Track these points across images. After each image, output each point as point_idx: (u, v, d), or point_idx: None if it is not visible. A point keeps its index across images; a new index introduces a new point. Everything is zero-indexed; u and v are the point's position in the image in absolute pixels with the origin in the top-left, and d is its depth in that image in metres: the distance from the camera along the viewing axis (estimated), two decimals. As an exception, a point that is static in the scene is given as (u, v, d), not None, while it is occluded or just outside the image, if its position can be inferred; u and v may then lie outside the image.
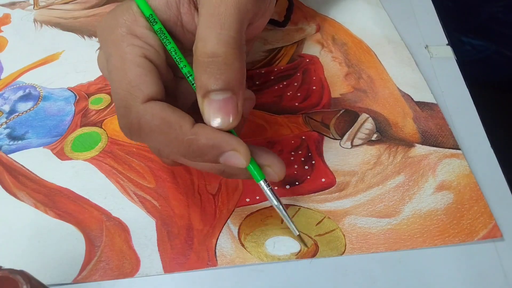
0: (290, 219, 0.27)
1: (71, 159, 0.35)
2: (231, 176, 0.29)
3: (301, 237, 0.28)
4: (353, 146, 0.34)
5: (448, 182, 0.31)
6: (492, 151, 0.33)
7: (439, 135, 0.34)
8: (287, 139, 0.35)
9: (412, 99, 0.36)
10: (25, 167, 0.35)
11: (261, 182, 0.27)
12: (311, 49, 0.41)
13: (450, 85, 0.37)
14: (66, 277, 0.29)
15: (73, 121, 0.37)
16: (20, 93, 0.40)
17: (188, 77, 0.27)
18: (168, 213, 0.31)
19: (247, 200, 0.31)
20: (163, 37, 0.27)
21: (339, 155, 0.34)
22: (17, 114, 0.38)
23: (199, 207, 0.31)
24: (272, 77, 0.39)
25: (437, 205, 0.30)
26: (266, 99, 0.38)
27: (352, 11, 0.44)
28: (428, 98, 0.36)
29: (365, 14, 0.43)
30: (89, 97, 0.39)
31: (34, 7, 0.48)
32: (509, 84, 0.76)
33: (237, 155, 0.25)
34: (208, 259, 0.29)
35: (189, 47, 0.26)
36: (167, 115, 0.25)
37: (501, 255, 0.28)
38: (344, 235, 0.29)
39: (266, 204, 0.31)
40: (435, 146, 0.33)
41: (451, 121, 0.35)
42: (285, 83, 0.39)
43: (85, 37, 0.45)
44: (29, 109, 0.39)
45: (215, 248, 0.29)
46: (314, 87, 0.38)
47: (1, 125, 0.38)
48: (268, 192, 0.27)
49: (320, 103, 0.37)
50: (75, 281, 0.28)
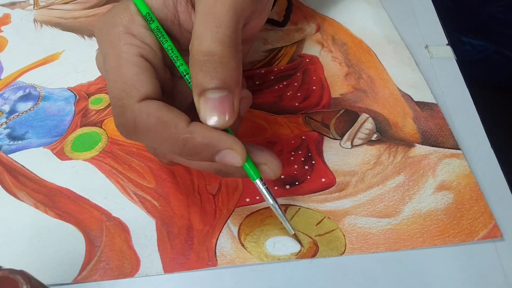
0: (285, 217, 0.27)
1: (71, 159, 0.35)
2: (227, 175, 0.29)
3: (296, 236, 0.28)
4: (353, 146, 0.34)
5: (448, 182, 0.31)
6: (492, 151, 0.33)
7: (439, 135, 0.34)
8: (287, 139, 0.35)
9: (412, 99, 0.36)
10: (25, 167, 0.35)
11: (256, 181, 0.27)
12: (311, 49, 0.41)
13: (450, 85, 0.37)
14: (66, 277, 0.29)
15: (73, 121, 0.37)
16: (20, 93, 0.40)
17: (184, 75, 0.27)
18: (168, 213, 0.31)
19: (247, 200, 0.31)
20: (160, 36, 0.27)
21: (339, 155, 0.33)
22: (17, 114, 0.38)
23: (199, 207, 0.31)
24: (272, 77, 0.39)
25: (437, 205, 0.30)
26: (266, 99, 0.38)
27: (352, 11, 0.44)
28: (428, 98, 0.36)
29: (365, 14, 0.43)
30: (89, 97, 0.39)
31: (34, 7, 0.48)
32: (509, 84, 0.76)
33: (233, 153, 0.25)
34: (208, 259, 0.29)
35: (186, 46, 0.26)
36: (162, 114, 0.25)
37: (501, 255, 0.28)
38: (344, 235, 0.29)
39: (266, 204, 0.31)
40: (435, 146, 0.33)
41: (451, 121, 0.35)
42: (285, 83, 0.39)
43: (85, 37, 0.45)
44: (29, 109, 0.39)
45: (215, 248, 0.29)
46: (314, 87, 0.38)
47: (1, 125, 0.38)
48: (263, 190, 0.27)
49: (320, 103, 0.37)
50: (75, 281, 0.28)
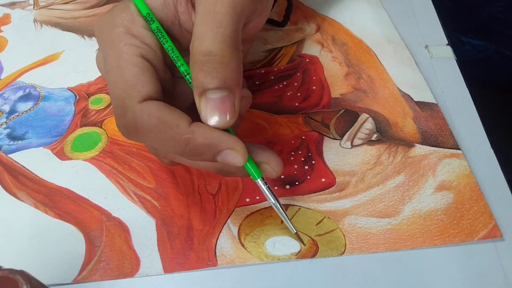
0: (287, 217, 0.27)
1: (71, 159, 0.35)
2: (228, 175, 0.29)
3: (298, 235, 0.28)
4: (353, 146, 0.34)
5: (448, 182, 0.31)
6: (492, 151, 0.33)
7: (439, 135, 0.34)
8: (287, 139, 0.35)
9: (412, 99, 0.36)
10: (25, 167, 0.35)
11: (258, 180, 0.27)
12: (311, 49, 0.41)
13: (450, 85, 0.37)
14: (66, 277, 0.29)
15: (73, 121, 0.37)
16: (20, 93, 0.40)
17: (185, 76, 0.27)
18: (168, 213, 0.31)
19: (247, 200, 0.31)
20: (160, 36, 0.27)
21: (339, 155, 0.33)
22: (17, 114, 0.38)
23: (199, 207, 0.31)
24: (272, 77, 0.39)
25: (437, 205, 0.30)
26: (266, 99, 0.38)
27: (352, 11, 0.44)
28: (428, 98, 0.36)
29: (365, 14, 0.43)
30: (89, 97, 0.39)
31: (34, 7, 0.48)
32: (509, 84, 0.76)
33: (234, 153, 0.25)
34: (208, 259, 0.29)
35: (187, 46, 0.26)
36: (163, 114, 0.25)
37: (501, 255, 0.28)
38: (344, 235, 0.29)
39: (266, 204, 0.31)
40: (435, 146, 0.33)
41: (451, 121, 0.35)
42: (285, 83, 0.39)
43: (85, 37, 0.45)
44: (29, 109, 0.39)
45: (215, 248, 0.29)
46: (314, 87, 0.38)
47: (1, 125, 0.38)
48: (265, 190, 0.27)
49: (320, 103, 0.37)
50: (75, 281, 0.28)
